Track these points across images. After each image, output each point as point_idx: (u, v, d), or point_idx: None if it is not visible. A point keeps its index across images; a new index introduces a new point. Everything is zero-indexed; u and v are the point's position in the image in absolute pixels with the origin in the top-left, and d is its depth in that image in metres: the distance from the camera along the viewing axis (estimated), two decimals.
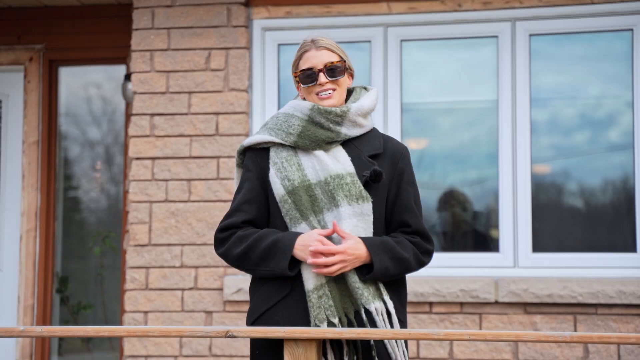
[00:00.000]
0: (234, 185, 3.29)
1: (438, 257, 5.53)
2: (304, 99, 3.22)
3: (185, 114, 5.65)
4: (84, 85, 7.10)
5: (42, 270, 6.44)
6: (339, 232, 2.96)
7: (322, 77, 3.14)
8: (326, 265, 2.95)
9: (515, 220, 5.40)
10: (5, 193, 6.57)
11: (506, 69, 5.49)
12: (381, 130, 5.53)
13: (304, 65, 3.17)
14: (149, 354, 5.55)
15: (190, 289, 5.56)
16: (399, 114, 5.57)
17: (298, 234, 3.01)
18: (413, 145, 5.67)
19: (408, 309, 5.32)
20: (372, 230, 3.06)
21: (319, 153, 3.08)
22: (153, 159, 5.66)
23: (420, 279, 5.35)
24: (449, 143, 5.74)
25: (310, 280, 2.99)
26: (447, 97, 5.75)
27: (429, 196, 5.69)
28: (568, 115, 5.61)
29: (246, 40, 5.66)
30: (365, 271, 3.01)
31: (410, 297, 5.33)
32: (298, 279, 3.02)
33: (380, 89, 5.57)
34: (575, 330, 5.26)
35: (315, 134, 3.08)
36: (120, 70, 6.63)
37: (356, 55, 5.70)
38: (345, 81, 3.20)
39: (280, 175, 3.06)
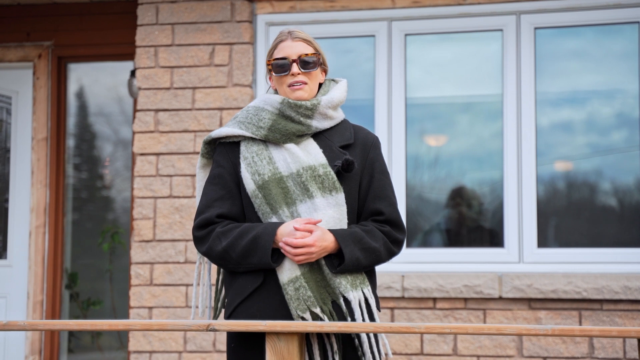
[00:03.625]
0: (196, 176, 3.25)
1: (442, 253, 5.50)
2: (276, 90, 3.21)
3: (190, 109, 5.65)
4: (114, 84, 7.11)
5: (51, 266, 6.47)
6: (310, 224, 2.96)
7: (295, 68, 3.12)
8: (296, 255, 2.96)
9: (520, 216, 5.35)
10: (15, 189, 6.61)
11: (511, 62, 5.44)
12: (385, 124, 5.51)
13: (278, 54, 3.15)
14: (153, 349, 5.56)
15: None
16: (403, 109, 5.53)
17: (276, 226, 3.00)
18: (418, 139, 5.64)
19: (411, 305, 5.31)
20: (346, 220, 3.06)
21: (290, 146, 3.07)
22: (157, 154, 5.66)
23: (423, 274, 5.32)
24: (454, 137, 5.70)
25: (284, 273, 2.99)
26: (452, 91, 5.71)
27: (435, 191, 5.66)
28: (573, 112, 5.55)
29: (250, 35, 5.65)
30: (336, 263, 3.01)
31: (413, 293, 5.30)
32: (271, 270, 3.01)
33: (385, 83, 5.55)
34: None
35: (285, 128, 3.08)
36: None
37: (360, 50, 5.68)
38: (317, 75, 3.19)
39: (251, 170, 3.05)
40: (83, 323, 2.96)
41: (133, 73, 6.10)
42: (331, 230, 3.00)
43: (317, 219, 2.97)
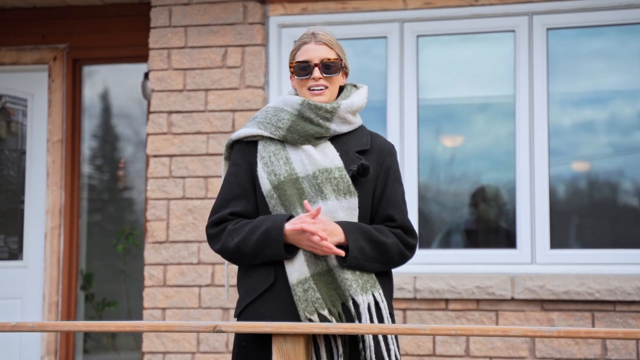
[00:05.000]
0: (221, 178, 3.29)
1: (454, 254, 5.50)
2: (296, 90, 3.23)
3: (202, 111, 5.68)
4: (135, 85, 7.14)
5: (67, 268, 6.50)
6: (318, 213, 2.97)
7: (317, 72, 3.14)
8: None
9: (532, 217, 5.34)
10: (31, 191, 6.65)
11: (523, 63, 5.43)
12: (397, 125, 5.51)
13: (300, 57, 3.17)
14: (167, 350, 5.59)
15: (207, 285, 5.58)
16: (416, 110, 5.53)
17: (284, 220, 3.00)
18: (430, 140, 5.63)
19: (423, 306, 5.30)
20: None
21: (308, 147, 3.09)
22: (170, 156, 5.69)
23: (435, 275, 5.32)
24: (467, 138, 5.70)
25: (293, 274, 3.00)
26: (464, 92, 5.70)
27: (448, 192, 5.65)
28: (592, 112, 5.54)
29: (262, 37, 5.67)
30: (342, 257, 3.01)
31: (425, 294, 5.30)
32: (282, 269, 3.03)
33: (397, 85, 5.55)
34: (593, 327, 5.19)
35: (304, 129, 3.09)
36: None
37: (372, 52, 5.69)
38: (338, 79, 3.20)
39: (267, 169, 3.07)
40: (91, 324, 2.98)
41: (147, 75, 6.13)
42: (337, 222, 3.02)
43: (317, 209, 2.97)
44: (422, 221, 5.52)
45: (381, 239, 3.04)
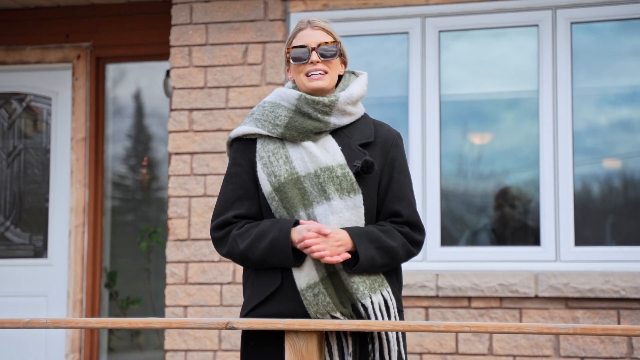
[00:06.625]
0: None
1: (477, 251, 5.44)
2: (294, 82, 3.13)
3: (223, 108, 5.66)
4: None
5: (91, 265, 6.52)
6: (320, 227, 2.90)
7: (314, 56, 3.03)
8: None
9: (556, 214, 5.27)
10: (56, 189, 6.68)
11: (547, 58, 5.36)
12: (419, 122, 5.46)
13: (297, 42, 3.07)
14: (189, 347, 5.58)
15: (229, 283, 5.56)
16: (438, 106, 5.48)
17: (290, 227, 2.93)
18: (452, 136, 5.58)
19: (446, 304, 5.25)
20: (364, 222, 2.98)
21: (308, 144, 2.99)
22: (192, 153, 5.68)
23: (458, 273, 5.26)
24: (490, 134, 5.64)
25: (302, 279, 2.93)
26: (488, 88, 5.64)
27: (472, 189, 5.60)
28: (621, 110, 5.46)
29: (283, 33, 5.64)
30: (352, 263, 2.94)
31: (447, 292, 5.25)
32: (288, 272, 2.96)
33: (419, 81, 5.50)
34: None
35: (302, 125, 2.99)
36: None
37: (394, 47, 5.64)
38: (337, 65, 3.10)
39: (267, 170, 2.99)
40: (104, 321, 2.97)
41: (168, 73, 6.13)
42: (345, 228, 2.93)
43: (327, 232, 2.88)
44: (444, 218, 5.47)
45: (390, 244, 2.95)
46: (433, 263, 5.37)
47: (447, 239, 5.49)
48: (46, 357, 6.53)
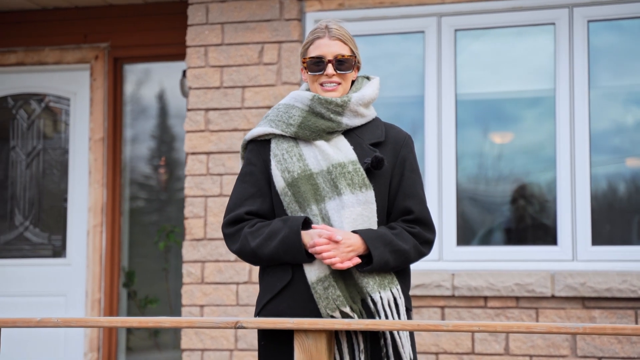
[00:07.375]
0: None
1: (493, 251, 5.42)
2: (307, 85, 3.19)
3: (239, 108, 5.67)
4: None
5: (109, 265, 6.55)
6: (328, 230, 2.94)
7: (330, 69, 3.09)
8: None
9: (573, 213, 5.24)
10: (74, 189, 6.72)
11: (564, 57, 5.33)
12: (435, 121, 5.44)
13: (313, 52, 3.12)
14: (205, 347, 5.59)
15: (245, 282, 5.57)
16: (454, 105, 5.46)
17: (299, 225, 2.96)
18: (468, 135, 5.55)
19: (462, 303, 5.23)
20: (376, 219, 3.02)
21: (320, 143, 3.05)
22: (208, 153, 5.69)
23: (474, 272, 5.24)
24: (508, 133, 5.61)
25: (312, 272, 2.97)
26: (504, 87, 5.62)
27: (488, 188, 5.57)
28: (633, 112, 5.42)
29: (299, 33, 5.64)
30: (363, 264, 2.97)
31: (463, 291, 5.23)
32: (299, 266, 3.00)
33: (434, 80, 5.48)
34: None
35: (315, 124, 3.05)
36: None
37: (409, 46, 5.63)
38: (351, 75, 3.16)
39: (281, 167, 3.04)
40: (114, 320, 2.98)
41: (184, 73, 6.15)
42: (358, 232, 2.97)
43: (338, 239, 2.92)
44: (460, 219, 5.45)
45: (403, 247, 3.00)
46: (449, 262, 5.35)
47: (463, 239, 5.47)
48: (65, 355, 6.57)
